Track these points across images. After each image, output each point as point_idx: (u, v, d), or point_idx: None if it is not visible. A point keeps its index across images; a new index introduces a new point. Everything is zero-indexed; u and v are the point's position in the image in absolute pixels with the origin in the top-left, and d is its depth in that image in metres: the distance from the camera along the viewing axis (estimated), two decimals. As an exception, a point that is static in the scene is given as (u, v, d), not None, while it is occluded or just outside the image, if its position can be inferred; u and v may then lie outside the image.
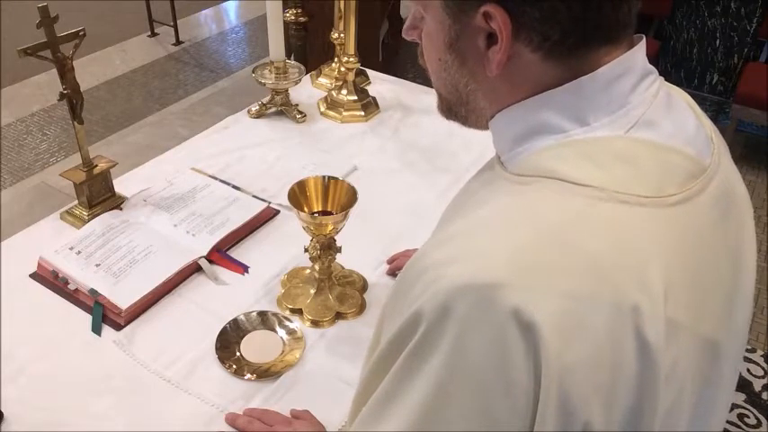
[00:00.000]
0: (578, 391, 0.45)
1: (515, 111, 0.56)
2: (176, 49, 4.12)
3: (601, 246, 0.47)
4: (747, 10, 3.15)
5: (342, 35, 1.59)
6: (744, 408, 1.91)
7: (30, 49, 1.02)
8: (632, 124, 0.53)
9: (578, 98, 0.53)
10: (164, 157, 1.41)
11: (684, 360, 0.51)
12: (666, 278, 0.48)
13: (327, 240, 1.00)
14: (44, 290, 1.05)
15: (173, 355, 0.95)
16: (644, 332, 0.46)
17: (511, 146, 0.58)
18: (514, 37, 0.51)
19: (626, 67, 0.53)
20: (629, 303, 0.46)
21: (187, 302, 1.05)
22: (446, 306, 0.46)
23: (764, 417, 1.89)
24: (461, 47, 0.55)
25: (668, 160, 0.53)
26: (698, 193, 0.53)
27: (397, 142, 1.51)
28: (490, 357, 0.45)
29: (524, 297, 0.45)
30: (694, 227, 0.52)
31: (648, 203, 0.49)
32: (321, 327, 1.01)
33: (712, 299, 0.54)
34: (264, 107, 1.57)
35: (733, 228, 0.58)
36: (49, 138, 3.13)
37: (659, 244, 0.49)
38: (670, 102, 0.57)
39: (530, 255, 0.47)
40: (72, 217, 1.19)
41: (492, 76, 0.54)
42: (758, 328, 2.22)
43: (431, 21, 0.57)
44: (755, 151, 3.22)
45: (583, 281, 0.46)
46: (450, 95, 0.61)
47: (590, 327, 0.45)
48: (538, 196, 0.51)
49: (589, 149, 0.52)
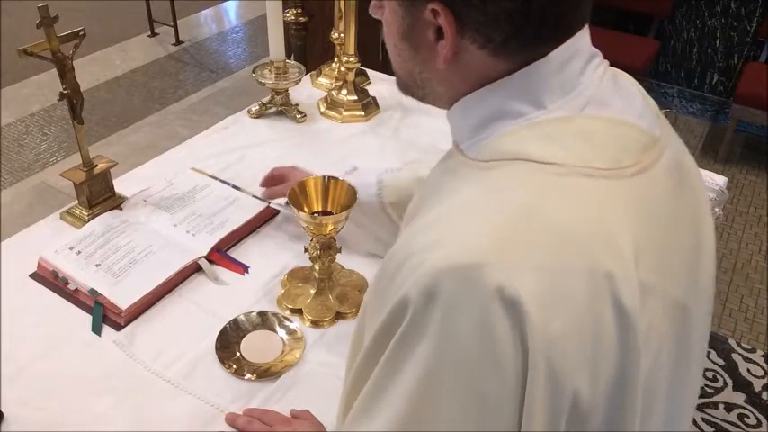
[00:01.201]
0: (565, 361, 0.47)
1: (471, 100, 0.58)
2: (176, 49, 4.12)
3: (571, 218, 0.50)
4: (747, 10, 3.15)
5: (342, 35, 1.59)
6: (744, 408, 1.91)
7: (30, 49, 1.02)
8: (586, 103, 0.55)
9: (533, 83, 0.55)
10: (164, 157, 1.41)
11: (658, 322, 0.53)
12: (635, 244, 0.51)
13: (327, 240, 1.00)
14: (44, 290, 1.05)
15: (173, 355, 0.95)
16: (620, 297, 0.48)
17: (471, 134, 0.59)
18: (459, 35, 0.53)
19: (574, 51, 0.55)
20: (603, 270, 0.48)
21: (187, 302, 1.05)
22: (431, 289, 0.48)
23: (764, 417, 1.89)
24: (413, 37, 0.57)
25: (622, 134, 0.56)
26: (653, 164, 0.56)
27: (397, 142, 1.51)
28: (477, 336, 0.47)
29: (506, 274, 0.46)
30: (653, 195, 0.55)
31: (609, 175, 0.52)
32: (321, 327, 1.01)
33: (677, 262, 0.57)
34: (264, 107, 1.57)
35: (688, 195, 0.61)
36: (49, 138, 3.13)
37: (624, 213, 0.52)
38: (617, 82, 0.60)
39: (506, 233, 0.48)
40: (72, 217, 1.19)
41: (441, 68, 0.56)
42: (758, 328, 2.22)
43: (388, 8, 0.59)
44: (755, 151, 3.22)
45: (558, 253, 0.48)
46: (406, 79, 0.64)
47: (570, 297, 0.47)
48: (506, 178, 0.53)
49: (549, 130, 0.54)
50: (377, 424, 0.52)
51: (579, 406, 0.49)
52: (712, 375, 2.01)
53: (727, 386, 1.98)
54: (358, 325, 0.63)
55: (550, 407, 0.47)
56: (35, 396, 0.89)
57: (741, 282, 2.42)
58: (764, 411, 1.91)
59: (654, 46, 3.28)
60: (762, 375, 2.02)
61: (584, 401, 0.49)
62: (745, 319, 2.25)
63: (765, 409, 1.91)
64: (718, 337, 2.16)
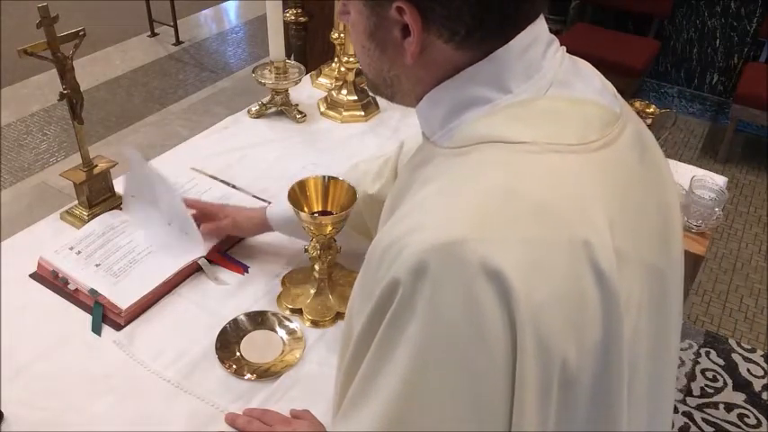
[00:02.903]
0: (551, 328, 0.49)
1: (438, 92, 0.60)
2: (176, 49, 4.12)
3: (545, 192, 0.52)
4: (747, 10, 3.15)
5: (342, 35, 1.59)
6: (744, 408, 1.91)
7: (30, 49, 1.02)
8: (549, 85, 0.58)
9: (497, 69, 0.57)
10: (164, 157, 1.41)
11: (637, 288, 0.56)
12: (607, 214, 0.53)
13: (327, 240, 1.00)
14: (44, 290, 1.05)
15: (173, 355, 0.95)
16: (598, 263, 0.50)
17: (441, 124, 0.61)
18: (425, 31, 0.55)
19: (534, 37, 0.57)
20: (579, 238, 0.50)
21: (187, 302, 1.05)
22: (418, 268, 0.49)
23: (764, 417, 1.89)
24: (380, 36, 0.59)
25: (585, 111, 0.58)
26: (616, 138, 0.58)
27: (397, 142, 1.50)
28: (464, 311, 0.48)
29: (488, 248, 0.48)
30: (619, 167, 0.58)
31: (577, 150, 0.55)
32: (321, 327, 1.01)
33: (648, 230, 0.60)
34: (264, 107, 1.57)
35: (650, 166, 0.63)
36: (49, 138, 3.13)
37: (594, 184, 0.54)
38: (576, 65, 0.62)
39: (485, 210, 0.50)
40: (72, 217, 1.19)
41: (409, 64, 0.58)
42: (758, 328, 2.22)
43: (353, 9, 0.61)
44: (755, 151, 3.22)
45: (537, 226, 0.50)
46: (375, 78, 0.65)
47: (551, 266, 0.49)
48: (479, 160, 0.55)
49: (516, 112, 0.57)
50: (372, 406, 0.52)
51: (567, 370, 0.50)
52: (712, 375, 2.01)
53: (727, 386, 1.98)
54: (345, 328, 0.64)
55: (541, 374, 0.49)
56: (35, 396, 0.89)
57: (741, 282, 2.42)
58: (764, 411, 1.91)
59: (654, 46, 3.28)
60: (762, 375, 2.02)
61: (571, 366, 0.50)
62: (745, 319, 2.25)
63: (765, 409, 1.91)
64: (718, 337, 2.16)
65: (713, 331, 2.18)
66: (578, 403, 0.53)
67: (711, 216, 1.32)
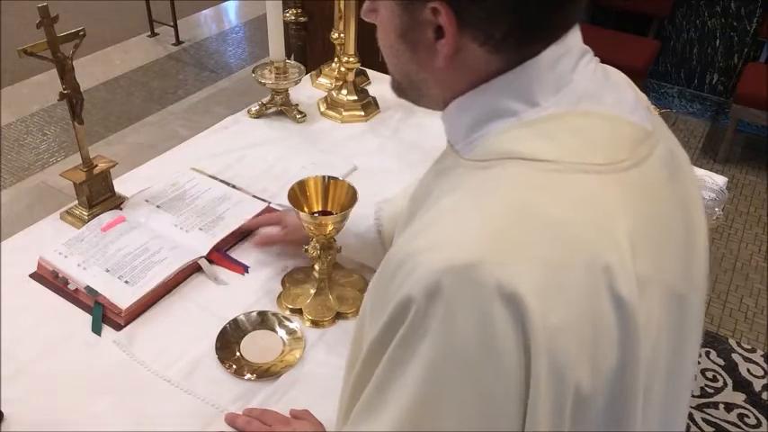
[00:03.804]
0: (566, 353, 0.48)
1: (466, 99, 0.59)
2: (176, 49, 4.12)
3: (567, 213, 0.50)
4: (747, 10, 3.15)
5: (342, 35, 1.59)
6: (744, 408, 1.91)
7: (30, 49, 1.02)
8: (578, 99, 0.56)
9: (526, 81, 0.55)
10: (164, 157, 1.41)
11: (656, 312, 0.54)
12: (631, 237, 0.51)
13: (327, 240, 1.00)
14: (44, 290, 1.05)
15: (173, 355, 0.95)
16: (617, 289, 0.49)
17: (466, 133, 0.60)
18: (460, 33, 0.53)
19: (566, 48, 0.56)
20: (600, 264, 0.49)
21: (187, 302, 1.05)
22: (432, 289, 0.48)
23: (764, 417, 1.89)
24: (411, 37, 0.57)
25: (616, 129, 0.56)
26: (647, 157, 0.57)
27: (397, 142, 1.51)
28: (478, 333, 0.47)
29: (504, 271, 0.47)
30: (647, 188, 0.56)
31: (605, 170, 0.53)
32: (321, 327, 1.01)
33: (671, 253, 0.58)
34: (264, 107, 1.57)
35: (680, 186, 0.61)
36: (49, 138, 3.13)
37: (619, 206, 0.52)
38: (608, 77, 0.60)
39: (503, 231, 0.49)
40: (72, 217, 1.19)
41: (440, 67, 0.56)
42: (758, 328, 2.22)
43: (384, 9, 0.59)
44: (755, 151, 3.22)
45: (555, 248, 0.49)
46: (402, 81, 0.63)
47: (568, 290, 0.48)
48: (501, 177, 0.54)
49: (543, 127, 0.55)
50: (381, 422, 0.52)
51: (580, 394, 0.49)
52: (712, 375, 2.01)
53: (727, 386, 1.98)
54: (356, 330, 0.63)
55: (554, 398, 0.48)
56: (35, 396, 0.89)
57: (741, 282, 2.42)
58: (764, 411, 1.91)
59: (654, 46, 3.28)
60: (762, 375, 2.02)
61: (585, 390, 0.49)
62: (745, 319, 2.25)
63: (765, 409, 1.91)
64: (718, 337, 2.16)
65: (713, 331, 2.18)
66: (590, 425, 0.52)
67: (711, 216, 1.32)
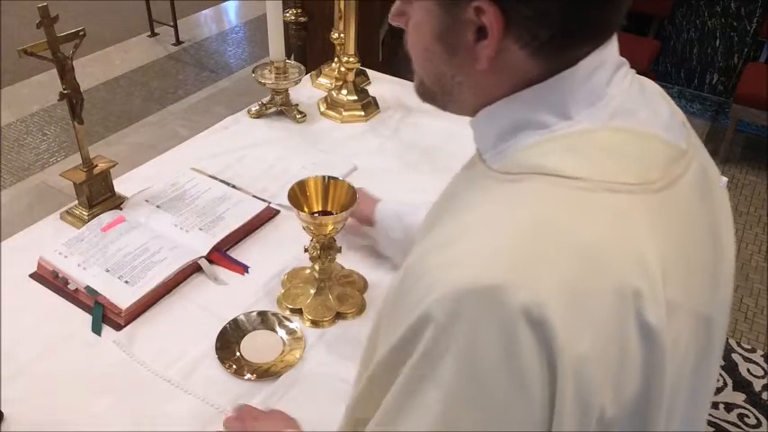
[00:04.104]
0: (592, 379, 0.46)
1: (497, 108, 0.57)
2: (176, 49, 4.13)
3: (597, 235, 0.48)
4: (747, 10, 3.15)
5: (342, 35, 1.59)
6: (744, 408, 1.91)
7: (30, 49, 1.02)
8: (612, 115, 0.54)
9: (560, 93, 0.54)
10: (164, 157, 1.41)
11: (684, 336, 0.53)
12: (662, 261, 0.50)
13: (327, 240, 1.00)
14: (44, 290, 1.05)
15: (173, 355, 0.95)
16: (646, 316, 0.48)
17: (494, 143, 0.58)
18: (504, 33, 0.51)
19: (601, 60, 0.54)
20: (630, 289, 0.47)
21: (187, 302, 1.05)
22: (453, 309, 0.46)
23: (764, 417, 1.89)
24: (450, 39, 0.55)
25: (649, 147, 0.54)
26: (680, 177, 0.55)
27: (397, 142, 1.51)
28: (503, 357, 0.45)
29: (531, 294, 0.45)
30: (679, 209, 0.54)
31: (636, 190, 0.51)
32: (321, 327, 1.01)
33: (700, 275, 0.57)
34: (264, 107, 1.57)
35: (711, 207, 0.60)
36: (49, 138, 3.13)
37: (651, 228, 0.50)
38: (643, 91, 0.58)
39: (530, 251, 0.47)
40: (72, 217, 1.19)
41: (480, 70, 0.54)
42: (758, 328, 2.22)
43: (419, 10, 0.56)
44: (755, 151, 3.22)
45: (584, 271, 0.47)
46: (433, 85, 0.61)
47: (595, 315, 0.46)
48: (529, 193, 0.52)
49: (574, 143, 0.53)
50: None
51: (604, 418, 0.48)
52: (712, 375, 2.01)
53: (727, 386, 1.98)
54: (370, 337, 0.62)
55: (579, 423, 0.47)
56: (35, 396, 0.89)
57: (741, 282, 2.41)
58: (764, 411, 1.91)
59: (654, 46, 3.28)
60: (762, 375, 2.02)
61: (608, 414, 0.48)
62: (745, 319, 2.25)
63: (765, 409, 1.91)
64: (718, 337, 2.16)
65: (713, 331, 2.18)
66: None
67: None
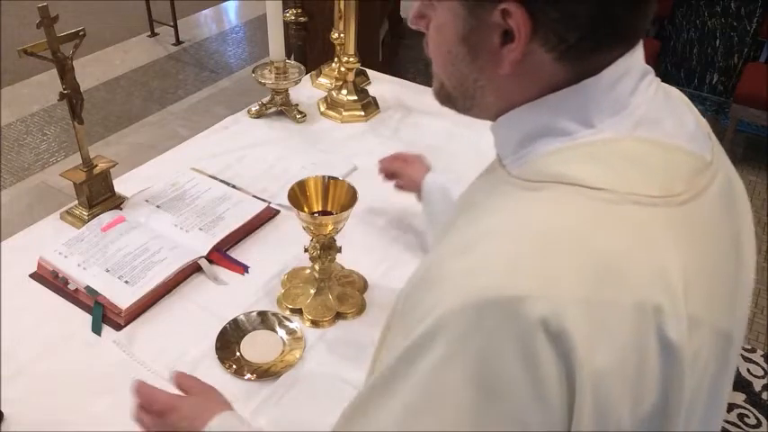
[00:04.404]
0: (610, 393, 0.46)
1: (519, 113, 0.56)
2: (176, 49, 4.13)
3: (619, 248, 0.47)
4: (747, 10, 3.15)
5: (342, 35, 1.59)
6: (744, 408, 1.91)
7: (30, 49, 1.02)
8: (636, 124, 0.53)
9: (583, 100, 0.53)
10: (164, 157, 1.41)
11: (704, 351, 0.52)
12: (684, 276, 0.49)
13: (327, 240, 1.00)
14: (44, 290, 1.05)
15: (173, 355, 0.95)
16: (666, 331, 0.47)
17: (514, 149, 0.57)
18: (531, 37, 0.50)
19: (627, 68, 0.53)
20: (651, 304, 0.46)
21: (187, 302, 1.05)
22: (469, 318, 0.46)
23: (764, 417, 1.89)
24: (474, 41, 0.54)
25: (673, 158, 0.53)
26: (704, 190, 0.54)
27: (397, 142, 1.51)
28: (521, 369, 0.45)
29: (551, 306, 0.44)
30: (703, 223, 0.53)
31: (660, 203, 0.50)
32: (321, 327, 1.01)
33: (721, 291, 0.55)
34: (264, 107, 1.57)
35: (735, 220, 0.59)
36: (49, 138, 3.13)
37: (674, 242, 0.49)
38: (669, 100, 0.57)
39: (550, 263, 0.46)
40: (72, 217, 1.19)
41: (503, 74, 0.53)
42: (758, 327, 2.22)
43: (443, 11, 0.55)
44: (755, 151, 3.22)
45: (605, 285, 0.46)
46: (454, 89, 0.60)
47: (615, 329, 0.46)
48: (551, 203, 0.51)
49: (596, 152, 0.52)
50: None
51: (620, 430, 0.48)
52: (712, 375, 2.01)
53: (727, 386, 1.98)
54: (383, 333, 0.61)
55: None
56: (35, 396, 0.89)
57: (741, 282, 2.41)
58: (764, 411, 1.91)
59: (654, 46, 3.28)
60: (762, 375, 2.02)
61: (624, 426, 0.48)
62: (745, 319, 2.25)
63: (765, 409, 1.91)
64: (718, 337, 2.16)
65: (713, 331, 2.19)
66: None
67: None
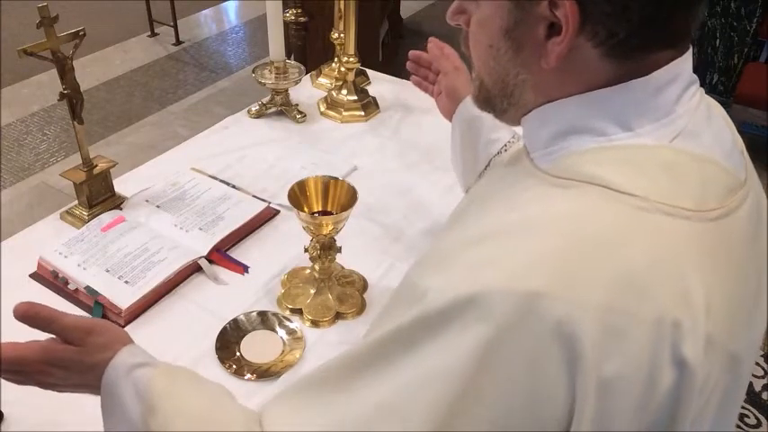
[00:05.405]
0: (616, 402, 0.45)
1: (556, 107, 0.55)
2: (176, 49, 4.13)
3: (646, 259, 0.46)
4: (747, 10, 3.15)
5: (342, 35, 1.59)
6: (744, 408, 1.91)
7: (30, 49, 1.02)
8: (677, 134, 0.52)
9: (626, 102, 0.52)
10: (164, 157, 1.41)
11: (715, 372, 0.50)
12: (707, 294, 0.47)
13: (327, 240, 1.00)
14: (44, 290, 1.05)
15: (173, 355, 0.95)
16: (682, 349, 0.46)
17: (546, 143, 0.56)
18: (579, 30, 0.49)
19: (675, 74, 0.52)
20: (670, 319, 0.45)
21: (187, 302, 1.05)
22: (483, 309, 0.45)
23: (764, 417, 1.89)
24: (519, 35, 0.53)
25: (709, 173, 0.52)
26: (736, 208, 0.52)
27: (397, 142, 1.51)
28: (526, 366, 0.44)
29: (567, 309, 0.44)
30: (731, 242, 0.52)
31: (692, 217, 0.49)
32: (321, 327, 1.01)
33: (740, 314, 0.54)
34: (264, 107, 1.57)
35: (762, 243, 0.58)
36: (49, 138, 3.13)
37: (701, 258, 0.48)
38: (710, 114, 0.56)
39: (573, 265, 0.45)
40: (72, 217, 1.19)
41: (548, 68, 0.52)
42: (758, 328, 2.22)
43: (487, 5, 0.55)
44: (756, 151, 3.21)
45: (626, 294, 0.45)
46: (494, 86, 0.59)
47: (630, 341, 0.45)
48: (580, 202, 0.49)
49: (632, 156, 0.51)
50: None
51: None
52: (712, 375, 2.01)
53: (727, 386, 1.98)
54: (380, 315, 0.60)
55: None
56: (35, 396, 0.88)
57: (741, 282, 2.41)
58: (764, 411, 1.91)
59: (654, 46, 3.28)
60: (762, 375, 2.02)
61: None
62: (745, 319, 2.25)
63: (765, 409, 1.91)
64: (718, 337, 2.16)
65: (713, 331, 2.18)
66: None
67: None
